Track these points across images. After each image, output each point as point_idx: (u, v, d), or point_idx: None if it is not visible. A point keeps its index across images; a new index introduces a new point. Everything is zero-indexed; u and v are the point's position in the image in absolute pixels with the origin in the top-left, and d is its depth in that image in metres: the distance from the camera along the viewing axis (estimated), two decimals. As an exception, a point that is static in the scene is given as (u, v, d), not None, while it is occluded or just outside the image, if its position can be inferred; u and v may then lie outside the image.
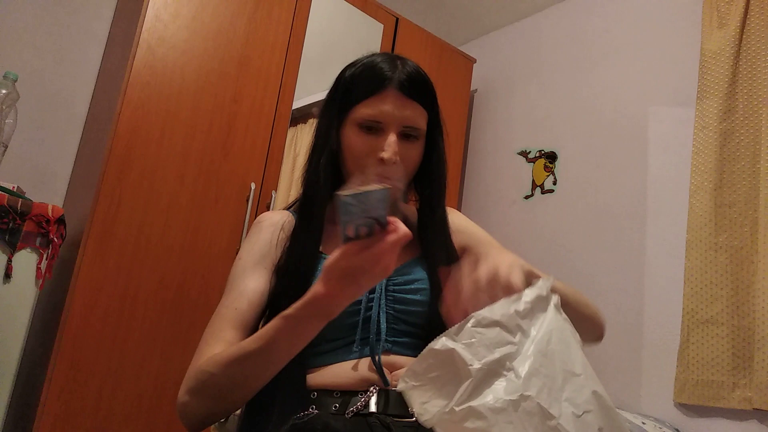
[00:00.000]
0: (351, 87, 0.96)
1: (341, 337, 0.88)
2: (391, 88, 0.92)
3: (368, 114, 0.92)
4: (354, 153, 0.93)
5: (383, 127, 0.93)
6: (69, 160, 2.09)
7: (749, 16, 1.98)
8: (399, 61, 0.96)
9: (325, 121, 0.99)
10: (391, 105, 0.92)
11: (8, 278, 1.45)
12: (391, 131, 0.92)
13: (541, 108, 2.67)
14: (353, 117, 0.94)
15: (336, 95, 0.98)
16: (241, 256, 0.96)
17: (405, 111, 0.93)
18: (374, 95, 0.93)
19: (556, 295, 0.81)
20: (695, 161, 1.99)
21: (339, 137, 0.96)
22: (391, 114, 0.92)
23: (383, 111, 0.92)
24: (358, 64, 0.98)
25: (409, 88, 0.93)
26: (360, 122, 0.93)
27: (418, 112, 0.94)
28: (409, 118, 0.93)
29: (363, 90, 0.94)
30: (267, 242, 0.96)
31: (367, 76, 0.94)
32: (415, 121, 0.94)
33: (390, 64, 0.94)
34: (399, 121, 0.93)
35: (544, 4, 2.78)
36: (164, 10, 1.89)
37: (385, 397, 0.83)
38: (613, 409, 0.74)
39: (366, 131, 0.93)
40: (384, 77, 0.93)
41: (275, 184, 2.08)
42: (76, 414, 1.61)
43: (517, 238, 2.58)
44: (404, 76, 0.93)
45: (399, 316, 0.90)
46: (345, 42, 2.40)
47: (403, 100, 0.93)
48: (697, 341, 1.86)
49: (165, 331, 1.78)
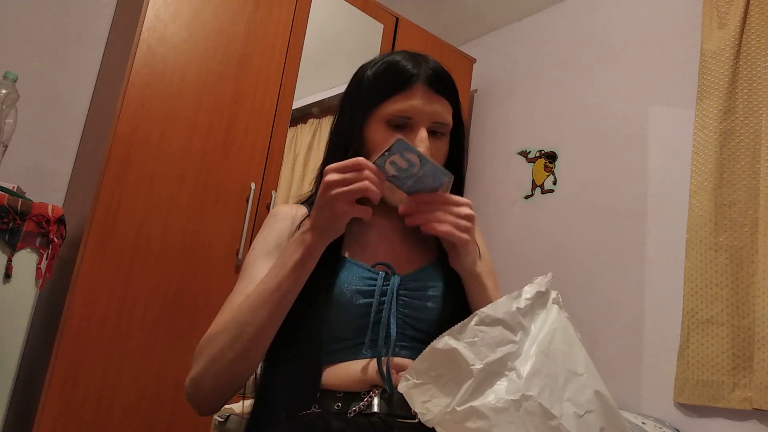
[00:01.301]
0: (375, 84, 0.96)
1: (350, 338, 0.88)
2: (419, 83, 0.93)
3: (398, 110, 0.92)
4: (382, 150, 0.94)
5: (413, 123, 0.93)
6: (69, 160, 2.09)
7: (749, 16, 1.98)
8: (421, 57, 0.96)
9: (345, 119, 0.99)
10: (421, 100, 0.92)
11: (8, 278, 1.45)
12: (422, 126, 0.92)
13: (541, 108, 2.67)
14: (380, 114, 0.94)
15: (359, 94, 0.98)
16: (255, 246, 0.97)
17: (434, 106, 0.93)
18: (402, 91, 0.93)
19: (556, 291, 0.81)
20: (695, 161, 1.99)
21: (362, 135, 0.96)
22: (421, 109, 0.92)
23: (413, 106, 0.92)
24: (380, 63, 0.98)
25: (437, 83, 0.94)
26: (389, 119, 0.93)
27: (445, 107, 0.95)
28: (438, 113, 0.94)
29: (390, 87, 0.94)
30: (281, 233, 0.96)
31: (393, 73, 0.94)
32: (443, 116, 0.94)
33: (414, 61, 0.95)
34: (429, 117, 0.93)
35: (544, 4, 2.79)
36: (164, 10, 1.89)
37: (387, 398, 0.83)
38: (615, 409, 0.74)
39: (394, 128, 0.93)
40: (411, 73, 0.93)
41: (275, 184, 2.08)
42: (76, 414, 1.61)
43: (517, 238, 2.58)
44: (431, 71, 0.94)
45: (409, 322, 0.90)
46: (345, 42, 2.40)
47: (431, 95, 0.93)
48: (697, 341, 1.86)
49: (165, 332, 1.78)
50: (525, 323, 0.74)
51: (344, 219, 0.82)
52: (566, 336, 0.76)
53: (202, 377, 0.84)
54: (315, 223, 0.83)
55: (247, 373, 0.85)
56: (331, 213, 0.81)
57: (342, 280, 0.89)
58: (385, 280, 0.90)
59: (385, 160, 0.81)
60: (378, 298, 0.88)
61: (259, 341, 0.83)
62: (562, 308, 0.80)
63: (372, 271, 0.91)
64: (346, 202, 0.80)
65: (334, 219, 0.81)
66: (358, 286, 0.89)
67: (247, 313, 0.83)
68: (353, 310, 0.87)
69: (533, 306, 0.77)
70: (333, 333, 0.87)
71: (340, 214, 0.81)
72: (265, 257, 0.94)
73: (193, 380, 0.85)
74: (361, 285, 0.89)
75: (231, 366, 0.83)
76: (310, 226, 0.84)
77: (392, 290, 0.89)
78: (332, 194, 0.80)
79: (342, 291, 0.88)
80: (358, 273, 0.90)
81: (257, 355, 0.84)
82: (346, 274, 0.90)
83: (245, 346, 0.82)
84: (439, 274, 0.95)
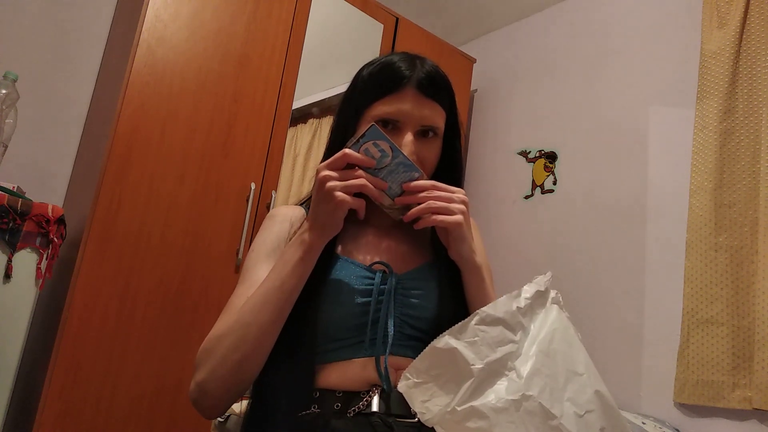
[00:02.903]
0: (369, 85, 0.96)
1: (349, 338, 0.88)
2: (409, 86, 0.93)
3: (386, 112, 0.92)
4: None
5: (401, 126, 0.93)
6: (69, 160, 2.09)
7: (749, 16, 1.98)
8: (418, 60, 0.96)
9: (342, 118, 0.99)
10: (410, 104, 0.92)
11: (8, 278, 1.45)
12: (409, 130, 0.92)
13: (541, 108, 2.67)
14: (370, 115, 0.94)
15: (354, 93, 0.98)
16: (254, 248, 0.97)
17: (423, 110, 0.93)
18: (392, 93, 0.93)
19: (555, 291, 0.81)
20: (695, 161, 1.99)
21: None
22: (410, 113, 0.92)
23: (401, 110, 0.92)
24: (376, 63, 0.98)
25: (428, 87, 0.93)
26: (377, 120, 0.93)
27: (436, 111, 0.95)
28: (427, 117, 0.93)
29: (381, 88, 0.94)
30: (280, 235, 0.97)
31: (386, 74, 0.94)
32: (434, 120, 0.94)
33: (409, 63, 0.94)
34: (417, 121, 0.93)
35: (544, 4, 2.78)
36: (164, 10, 1.89)
37: (387, 398, 0.83)
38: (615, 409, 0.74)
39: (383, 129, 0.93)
40: (403, 76, 0.93)
41: (275, 184, 2.08)
42: (76, 414, 1.61)
43: (517, 238, 2.58)
44: (423, 75, 0.93)
45: (407, 321, 0.89)
46: (345, 42, 2.40)
47: (421, 99, 0.93)
48: (697, 341, 1.86)
49: (165, 331, 1.78)
50: (525, 323, 0.74)
51: (342, 210, 0.82)
52: (566, 336, 0.76)
53: (208, 381, 0.83)
54: (314, 220, 0.84)
55: (252, 374, 0.85)
56: (327, 206, 0.82)
57: (339, 280, 0.89)
58: (382, 279, 0.90)
59: (359, 147, 0.83)
60: (376, 297, 0.88)
61: (264, 341, 0.83)
62: (563, 308, 0.80)
63: (369, 270, 0.91)
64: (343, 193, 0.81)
65: (332, 212, 0.82)
66: (356, 285, 0.89)
67: (250, 314, 0.83)
68: (351, 309, 0.87)
69: (532, 305, 0.77)
70: (331, 332, 0.87)
71: (338, 204, 0.81)
72: (264, 259, 0.94)
73: (199, 384, 0.84)
74: (358, 284, 0.89)
75: (237, 367, 0.82)
76: (309, 225, 0.84)
77: (390, 289, 0.89)
78: (328, 187, 0.81)
79: (340, 290, 0.88)
80: (355, 272, 0.90)
81: (262, 356, 0.84)
82: (343, 273, 0.90)
83: (250, 347, 0.82)
84: (436, 272, 0.95)
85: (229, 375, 0.83)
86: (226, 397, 0.85)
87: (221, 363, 0.82)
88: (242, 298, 0.89)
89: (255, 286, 0.89)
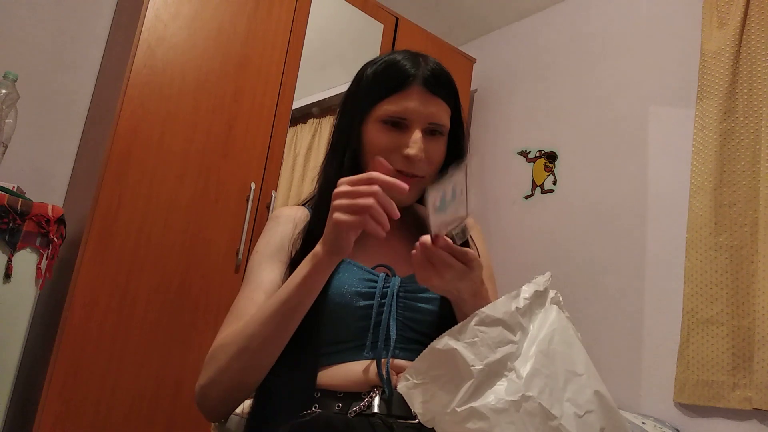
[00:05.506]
0: (374, 84, 0.96)
1: (351, 340, 0.88)
2: (415, 84, 0.93)
3: (393, 110, 0.92)
4: (378, 149, 0.93)
5: (408, 124, 0.93)
6: (69, 160, 2.09)
7: (749, 16, 1.98)
8: (421, 58, 0.96)
9: (345, 118, 0.99)
10: (417, 101, 0.92)
11: (8, 278, 1.45)
12: (417, 128, 0.92)
13: (541, 108, 2.67)
14: (377, 114, 0.94)
15: (358, 92, 0.98)
16: (258, 250, 0.97)
17: (430, 107, 0.93)
18: (399, 92, 0.93)
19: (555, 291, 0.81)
20: (695, 161, 1.99)
21: (360, 134, 0.96)
22: (417, 110, 0.92)
23: (408, 107, 0.92)
24: (380, 62, 0.98)
25: (434, 84, 0.93)
26: (384, 119, 0.93)
27: (442, 108, 0.95)
28: (434, 114, 0.93)
29: (387, 87, 0.94)
30: (283, 236, 0.96)
31: (391, 72, 0.94)
32: (440, 117, 0.94)
33: (413, 61, 0.94)
34: (424, 118, 0.93)
35: (544, 4, 2.78)
36: (164, 10, 1.89)
37: (388, 399, 0.83)
38: (615, 410, 0.74)
39: (390, 127, 0.93)
40: (408, 74, 0.93)
41: (275, 184, 2.08)
42: (76, 414, 1.61)
43: (517, 238, 2.58)
44: (428, 72, 0.94)
45: (408, 324, 0.89)
46: (345, 42, 2.40)
47: (427, 96, 0.93)
48: (697, 341, 1.86)
49: (165, 331, 1.78)
50: (524, 323, 0.74)
51: (346, 235, 0.77)
52: (566, 336, 0.76)
53: (209, 386, 0.85)
54: (324, 236, 0.80)
55: (254, 383, 0.85)
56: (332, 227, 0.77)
57: (342, 282, 0.89)
58: (385, 282, 0.89)
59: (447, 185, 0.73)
60: (378, 300, 0.88)
61: (266, 353, 0.83)
62: (563, 308, 0.80)
63: (372, 273, 0.91)
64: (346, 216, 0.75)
65: (337, 235, 0.77)
66: (359, 288, 0.88)
67: (254, 325, 0.82)
68: (354, 312, 0.87)
69: (531, 305, 0.77)
70: (334, 335, 0.87)
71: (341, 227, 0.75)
72: (268, 260, 0.94)
73: (202, 388, 0.86)
74: (361, 287, 0.89)
75: (237, 376, 0.83)
76: (322, 240, 0.81)
77: (392, 292, 0.89)
78: (334, 205, 0.76)
79: (342, 293, 0.88)
80: (358, 275, 0.90)
81: (264, 366, 0.84)
82: (346, 275, 0.90)
83: (252, 357, 0.82)
84: None
85: (230, 382, 0.83)
86: (227, 402, 0.86)
87: (223, 370, 0.83)
88: (247, 300, 0.88)
89: (259, 287, 0.88)
